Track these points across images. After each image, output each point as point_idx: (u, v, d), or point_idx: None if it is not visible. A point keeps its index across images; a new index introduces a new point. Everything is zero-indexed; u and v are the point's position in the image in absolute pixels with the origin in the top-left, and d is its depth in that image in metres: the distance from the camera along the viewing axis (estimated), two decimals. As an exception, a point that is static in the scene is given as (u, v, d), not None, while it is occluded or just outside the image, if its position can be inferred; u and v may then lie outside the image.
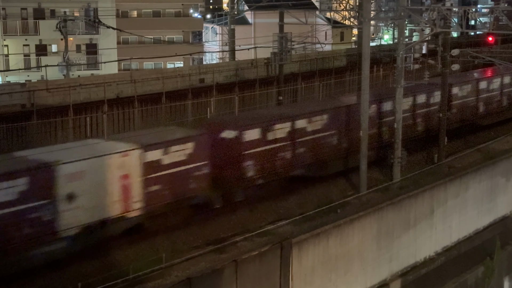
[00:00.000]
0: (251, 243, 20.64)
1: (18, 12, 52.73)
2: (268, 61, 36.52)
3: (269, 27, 46.90)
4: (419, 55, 28.43)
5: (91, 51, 54.08)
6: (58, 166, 18.52)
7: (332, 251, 21.40)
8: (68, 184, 18.71)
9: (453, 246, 27.09)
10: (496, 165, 29.46)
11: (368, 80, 26.01)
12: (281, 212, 24.38)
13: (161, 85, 31.72)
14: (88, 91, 29.70)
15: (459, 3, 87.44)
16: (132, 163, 20.48)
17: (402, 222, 24.37)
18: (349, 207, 24.13)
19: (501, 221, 30.07)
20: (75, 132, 28.01)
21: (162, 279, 18.03)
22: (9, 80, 48.34)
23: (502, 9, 26.40)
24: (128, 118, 29.99)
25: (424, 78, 29.74)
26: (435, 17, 25.86)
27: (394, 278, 24.08)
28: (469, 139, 34.95)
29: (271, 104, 35.02)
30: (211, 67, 35.99)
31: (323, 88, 38.34)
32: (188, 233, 21.82)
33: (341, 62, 41.62)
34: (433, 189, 25.79)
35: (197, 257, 19.47)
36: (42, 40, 53.03)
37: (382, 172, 28.67)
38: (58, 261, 18.62)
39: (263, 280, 19.27)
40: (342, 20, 59.07)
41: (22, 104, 27.93)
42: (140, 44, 56.11)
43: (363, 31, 26.44)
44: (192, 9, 65.92)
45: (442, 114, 30.44)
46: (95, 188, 19.47)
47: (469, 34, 57.51)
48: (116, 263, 19.27)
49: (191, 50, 55.74)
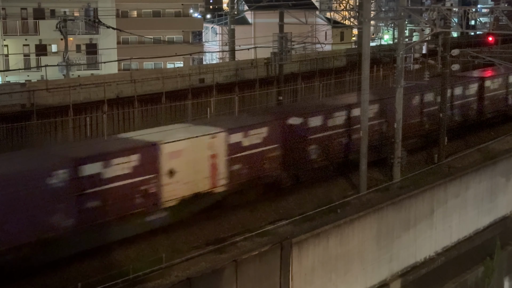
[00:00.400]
0: (251, 243, 20.66)
1: (18, 12, 52.69)
2: (268, 61, 36.53)
3: (269, 27, 46.91)
4: (419, 55, 28.46)
5: (91, 51, 54.04)
6: (162, 145, 21.19)
7: (332, 251, 21.40)
8: (169, 161, 21.39)
9: (453, 246, 27.08)
10: (496, 165, 29.46)
11: (368, 80, 26.02)
12: (281, 212, 24.38)
13: (161, 85, 31.72)
14: (88, 91, 29.70)
15: (459, 3, 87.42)
16: (219, 144, 23.18)
17: (402, 222, 24.37)
18: (349, 207, 24.15)
19: (501, 221, 30.07)
20: (75, 132, 28.02)
21: (162, 279, 18.04)
22: (9, 80, 48.32)
23: (502, 9, 26.40)
24: (128, 118, 29.99)
25: (424, 78, 29.78)
26: (435, 17, 25.86)
27: (394, 278, 24.07)
28: (469, 139, 34.96)
29: (271, 104, 35.03)
30: (211, 67, 35.99)
31: (323, 88, 38.34)
32: (188, 233, 21.82)
33: (341, 62, 41.61)
34: (433, 189, 25.78)
35: (197, 257, 19.48)
36: (42, 40, 53.01)
37: (382, 172, 28.67)
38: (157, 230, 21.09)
39: (263, 280, 19.27)
40: (342, 20, 59.15)
41: (22, 104, 27.93)
42: (140, 44, 56.12)
43: (363, 31, 26.45)
44: (192, 9, 65.92)
45: (442, 114, 30.42)
46: (190, 165, 22.15)
47: (469, 34, 57.50)
48: (116, 263, 19.27)
49: (191, 50, 55.73)
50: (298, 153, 26.21)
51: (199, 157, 22.46)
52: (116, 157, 19.91)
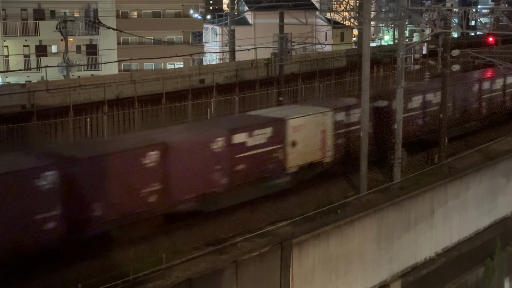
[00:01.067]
0: (251, 244, 20.64)
1: (18, 12, 52.71)
2: (268, 62, 36.52)
3: (269, 28, 46.91)
4: (419, 56, 28.44)
5: (91, 51, 54.04)
6: (288, 120, 25.33)
7: (333, 251, 21.40)
8: (292, 134, 25.48)
9: (454, 246, 27.08)
10: (496, 166, 29.46)
11: (369, 81, 26.02)
12: (281, 213, 24.37)
13: (161, 85, 31.72)
14: (88, 91, 29.69)
15: (459, 4, 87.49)
16: (328, 121, 27.06)
17: (403, 223, 24.37)
18: (349, 207, 24.13)
19: (501, 221, 30.07)
20: (75, 133, 28.01)
21: (163, 280, 18.03)
22: (9, 81, 48.28)
23: (503, 10, 26.40)
24: (128, 119, 29.99)
25: (424, 78, 29.74)
26: (435, 18, 25.88)
27: (395, 279, 24.07)
28: (470, 139, 34.94)
29: (272, 105, 35.02)
30: (211, 68, 35.97)
31: (324, 89, 38.34)
32: (188, 233, 21.81)
33: (341, 62, 41.60)
34: (433, 189, 25.78)
35: (197, 258, 19.48)
36: (42, 41, 53.01)
37: (382, 173, 28.66)
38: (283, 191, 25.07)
39: (263, 281, 19.27)
40: (342, 21, 59.19)
41: (22, 105, 27.91)
42: (140, 45, 56.11)
43: (363, 31, 26.44)
44: (192, 10, 65.91)
45: (442, 114, 30.40)
46: (307, 138, 26.12)
47: (469, 35, 57.50)
48: (117, 264, 19.26)
49: (191, 50, 55.68)
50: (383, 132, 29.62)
51: (314, 132, 26.46)
52: (256, 129, 24.28)
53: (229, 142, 23.23)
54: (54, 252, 18.56)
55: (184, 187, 21.83)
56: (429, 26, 27.24)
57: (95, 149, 20.79)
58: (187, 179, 21.86)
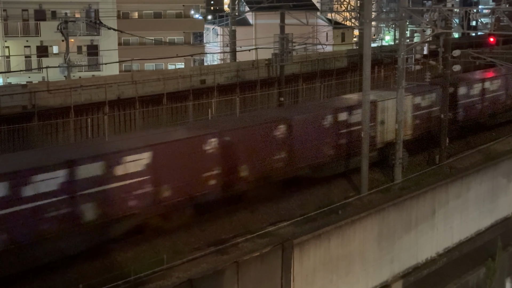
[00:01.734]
0: (252, 244, 20.65)
1: (19, 13, 52.74)
2: (269, 62, 36.52)
3: (270, 28, 46.96)
4: (420, 56, 28.42)
5: (92, 52, 54.03)
6: (378, 102, 28.98)
7: (334, 252, 21.37)
8: (381, 114, 29.18)
9: (455, 247, 27.04)
10: (497, 166, 29.41)
11: (370, 81, 26.01)
12: (282, 213, 24.37)
13: (162, 86, 31.72)
14: (89, 92, 29.70)
15: (460, 4, 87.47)
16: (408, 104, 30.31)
17: (404, 223, 24.34)
18: (350, 208, 24.12)
19: (502, 222, 30.02)
20: (76, 134, 28.01)
21: (163, 281, 18.03)
22: (10, 81, 48.30)
23: (504, 10, 26.40)
24: (129, 119, 29.99)
25: (425, 79, 29.72)
26: (436, 18, 25.86)
27: (396, 279, 24.04)
28: (470, 140, 34.93)
29: (272, 105, 35.03)
30: (212, 68, 35.98)
31: (325, 89, 38.32)
32: (189, 234, 21.82)
33: (342, 63, 41.59)
34: (434, 190, 25.74)
35: (198, 258, 19.48)
36: (43, 42, 53.03)
37: (383, 173, 28.66)
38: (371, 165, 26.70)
39: (264, 281, 19.25)
40: (343, 21, 59.14)
41: (23, 106, 27.93)
42: (141, 45, 56.13)
43: (364, 32, 26.46)
44: (193, 10, 65.89)
45: (443, 115, 30.39)
46: (392, 118, 29.15)
47: (470, 35, 57.49)
48: (117, 264, 19.27)
49: (192, 51, 55.69)
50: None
51: (392, 114, 28.77)
52: (355, 109, 27.64)
53: (335, 119, 27.12)
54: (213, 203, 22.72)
55: (301, 156, 25.88)
56: (430, 27, 27.24)
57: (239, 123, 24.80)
58: (304, 150, 25.93)
